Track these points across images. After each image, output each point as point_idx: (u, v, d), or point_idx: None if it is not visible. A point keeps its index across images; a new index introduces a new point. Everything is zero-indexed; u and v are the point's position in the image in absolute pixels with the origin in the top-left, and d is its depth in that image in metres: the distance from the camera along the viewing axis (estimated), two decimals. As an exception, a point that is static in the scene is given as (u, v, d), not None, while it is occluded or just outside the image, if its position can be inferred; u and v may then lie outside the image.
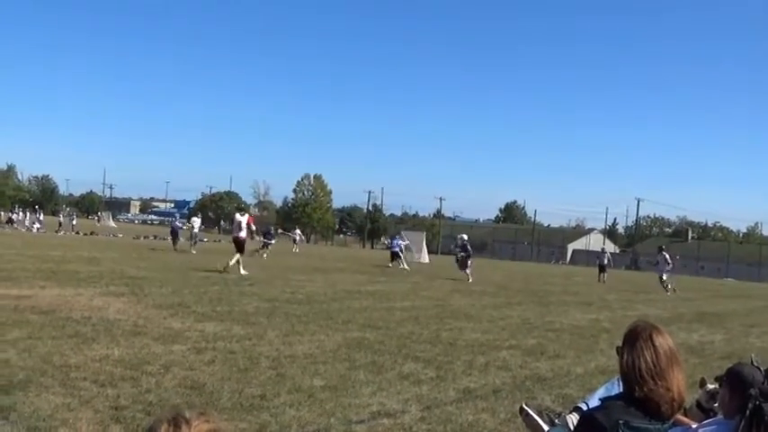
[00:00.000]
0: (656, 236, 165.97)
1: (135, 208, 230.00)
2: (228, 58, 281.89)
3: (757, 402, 3.92)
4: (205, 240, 77.92)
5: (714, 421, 4.80)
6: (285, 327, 15.55)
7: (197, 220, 53.19)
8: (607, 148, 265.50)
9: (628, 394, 4.05)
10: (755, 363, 4.95)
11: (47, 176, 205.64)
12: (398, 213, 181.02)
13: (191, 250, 46.85)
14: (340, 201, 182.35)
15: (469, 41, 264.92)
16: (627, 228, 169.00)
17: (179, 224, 55.64)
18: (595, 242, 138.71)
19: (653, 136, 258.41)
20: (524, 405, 6.58)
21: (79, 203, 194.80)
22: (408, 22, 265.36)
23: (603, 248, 57.83)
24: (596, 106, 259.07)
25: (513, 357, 13.84)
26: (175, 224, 55.25)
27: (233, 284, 24.57)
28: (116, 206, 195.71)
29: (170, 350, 11.92)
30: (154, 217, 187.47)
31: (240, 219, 30.65)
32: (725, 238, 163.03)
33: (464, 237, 42.75)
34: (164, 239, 57.24)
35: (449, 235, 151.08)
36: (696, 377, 6.67)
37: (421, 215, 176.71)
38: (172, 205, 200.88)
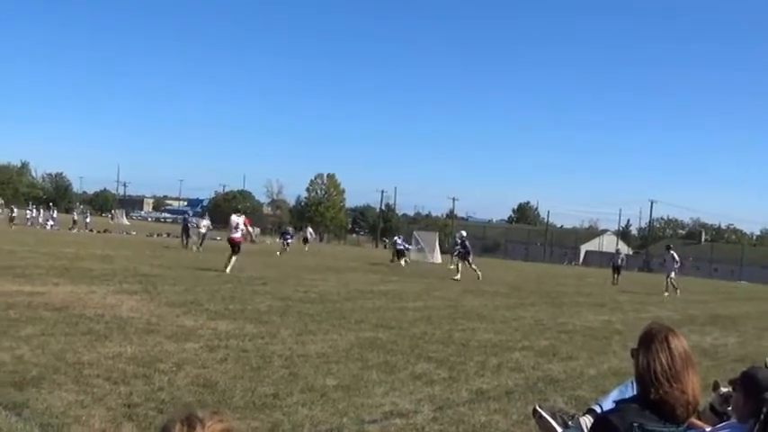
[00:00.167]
0: (670, 237, 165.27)
1: (148, 206, 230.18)
2: (243, 58, 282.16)
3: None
4: (218, 239, 78.01)
5: (728, 425, 4.80)
6: (298, 326, 15.56)
7: (206, 222, 53.34)
8: (620, 150, 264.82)
9: (642, 397, 4.03)
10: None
11: (60, 174, 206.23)
12: (411, 213, 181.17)
13: (193, 248, 47.07)
14: (353, 200, 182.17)
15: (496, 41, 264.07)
16: (640, 229, 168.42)
17: (193, 222, 55.78)
18: (608, 243, 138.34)
19: (666, 138, 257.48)
20: (538, 407, 6.56)
21: (93, 201, 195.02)
22: (411, 22, 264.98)
23: (618, 249, 57.66)
24: (609, 107, 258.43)
25: (526, 358, 13.81)
26: (191, 220, 55.46)
27: (246, 283, 24.60)
28: (129, 204, 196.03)
29: (183, 348, 11.94)
30: (167, 215, 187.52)
31: (237, 220, 30.47)
32: (738, 241, 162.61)
33: (463, 233, 42.77)
34: (177, 237, 57.34)
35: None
36: (709, 380, 6.64)
37: (434, 215, 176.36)
38: (185, 203, 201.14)
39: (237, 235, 30.06)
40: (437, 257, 64.24)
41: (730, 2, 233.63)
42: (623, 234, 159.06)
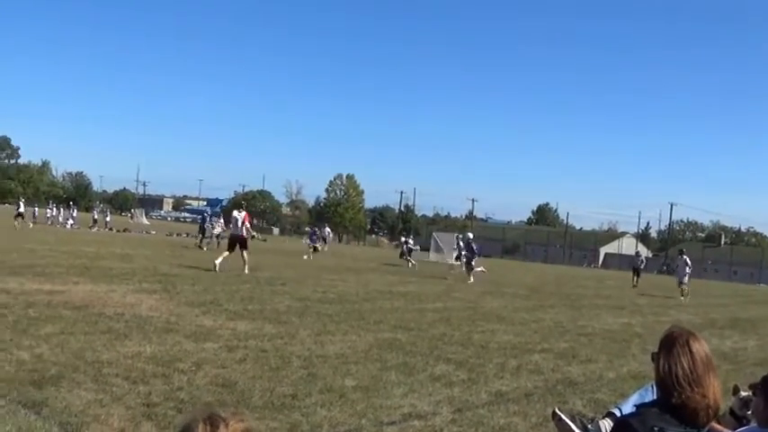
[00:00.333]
0: (689, 240, 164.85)
1: (168, 205, 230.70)
2: (262, 59, 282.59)
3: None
4: (252, 238, 78.12)
5: (748, 429, 4.77)
6: (317, 326, 15.56)
7: (220, 222, 53.48)
8: (640, 152, 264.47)
9: (663, 401, 4.01)
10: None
11: (81, 173, 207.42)
12: (430, 214, 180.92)
13: (204, 248, 47.05)
14: (372, 201, 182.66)
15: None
16: (660, 232, 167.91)
17: (212, 222, 55.85)
18: (628, 246, 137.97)
19: (685, 140, 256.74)
20: (557, 409, 6.55)
21: (112, 200, 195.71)
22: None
23: (638, 252, 57.48)
24: (629, 110, 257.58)
25: (545, 361, 13.78)
26: (211, 220, 55.58)
27: (265, 283, 24.63)
28: (149, 203, 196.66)
29: (202, 348, 11.95)
30: (187, 215, 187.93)
31: (237, 216, 30.19)
32: (758, 244, 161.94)
33: (469, 236, 42.55)
34: (196, 237, 57.49)
35: (481, 237, 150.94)
36: (729, 384, 6.61)
37: (453, 216, 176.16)
38: (204, 203, 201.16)
39: (238, 232, 29.80)
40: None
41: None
42: (643, 236, 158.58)
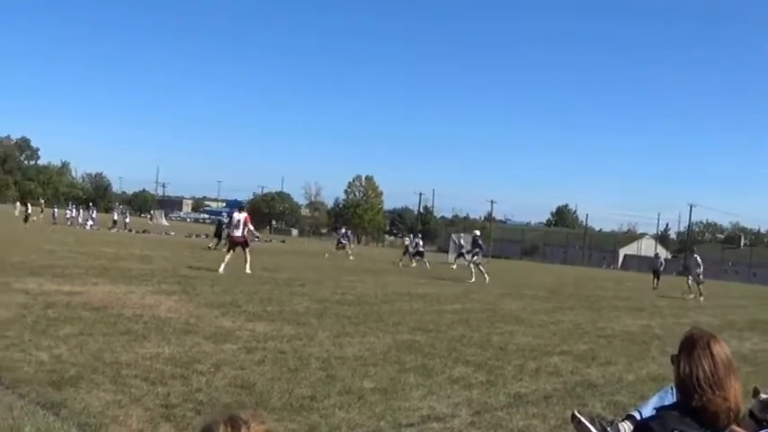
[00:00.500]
0: (709, 242, 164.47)
1: (187, 207, 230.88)
2: (278, 61, 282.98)
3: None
4: (256, 240, 78.22)
5: (768, 432, 4.74)
6: (335, 328, 15.55)
7: None
8: (660, 153, 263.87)
9: (683, 404, 3.97)
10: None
11: (100, 174, 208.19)
12: (449, 216, 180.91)
13: (217, 248, 46.98)
14: (391, 202, 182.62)
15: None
16: (679, 233, 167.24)
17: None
18: (647, 247, 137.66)
19: (705, 141, 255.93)
20: (576, 412, 6.51)
21: (132, 201, 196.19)
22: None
23: (657, 253, 57.25)
24: (651, 111, 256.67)
25: (565, 363, 13.73)
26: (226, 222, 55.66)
27: (284, 284, 24.66)
28: (168, 205, 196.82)
29: (221, 349, 11.96)
30: (206, 216, 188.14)
31: (238, 217, 29.77)
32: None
33: (476, 233, 42.40)
34: (211, 240, 57.54)
35: (500, 238, 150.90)
36: (749, 386, 6.56)
37: (472, 218, 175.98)
38: (224, 204, 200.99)
39: (238, 234, 29.21)
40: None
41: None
42: (662, 238, 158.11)
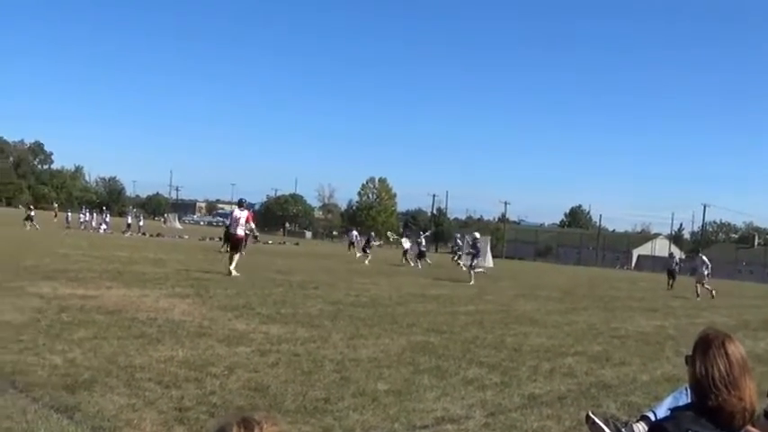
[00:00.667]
0: (723, 242, 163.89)
1: (201, 210, 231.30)
2: (291, 63, 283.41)
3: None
4: (270, 242, 78.45)
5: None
6: (349, 330, 15.55)
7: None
8: (673, 153, 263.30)
9: (699, 404, 3.95)
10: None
11: (114, 178, 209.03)
12: (463, 217, 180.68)
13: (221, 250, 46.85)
14: (404, 204, 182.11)
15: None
16: (693, 233, 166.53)
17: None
18: (661, 248, 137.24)
19: (718, 141, 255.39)
20: (590, 413, 6.49)
21: (145, 205, 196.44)
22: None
23: (672, 253, 57.07)
24: (663, 111, 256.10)
25: (579, 364, 13.70)
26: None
27: (297, 287, 24.66)
28: (182, 208, 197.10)
29: (234, 352, 11.96)
30: (220, 219, 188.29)
31: (239, 215, 28.61)
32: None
33: (476, 235, 42.33)
34: (222, 244, 57.64)
35: (513, 239, 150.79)
36: (763, 386, 6.53)
37: (485, 219, 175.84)
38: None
39: (240, 232, 28.40)
40: (489, 261, 64.06)
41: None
42: (676, 238, 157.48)
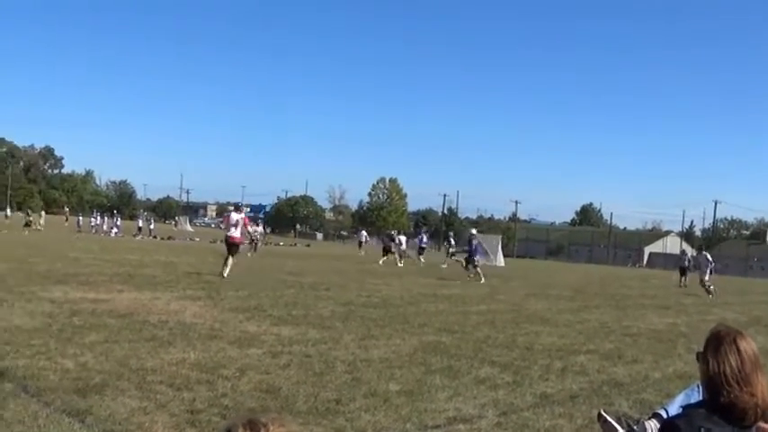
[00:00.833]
0: (734, 238, 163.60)
1: (211, 212, 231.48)
2: (305, 65, 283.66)
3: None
4: (280, 244, 78.50)
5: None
6: (361, 330, 15.54)
7: (259, 229, 53.71)
8: (683, 151, 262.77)
9: (711, 401, 3.93)
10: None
11: (124, 181, 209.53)
12: (474, 217, 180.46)
13: (248, 254, 46.70)
14: (415, 204, 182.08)
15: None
16: (704, 230, 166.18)
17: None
18: (672, 245, 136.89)
19: (729, 138, 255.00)
20: (602, 411, 6.48)
21: (156, 208, 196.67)
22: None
23: (684, 251, 56.79)
24: (673, 111, 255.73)
25: (591, 362, 13.66)
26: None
27: (309, 288, 24.66)
28: (193, 211, 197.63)
29: (246, 354, 11.97)
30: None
31: (236, 217, 28.12)
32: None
33: (473, 232, 42.26)
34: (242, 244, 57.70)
35: (525, 238, 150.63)
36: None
37: (496, 218, 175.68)
38: (248, 209, 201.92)
39: (237, 234, 27.93)
40: (500, 261, 64.00)
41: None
42: (687, 235, 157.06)
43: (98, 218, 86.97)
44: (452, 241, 55.19)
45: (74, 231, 74.44)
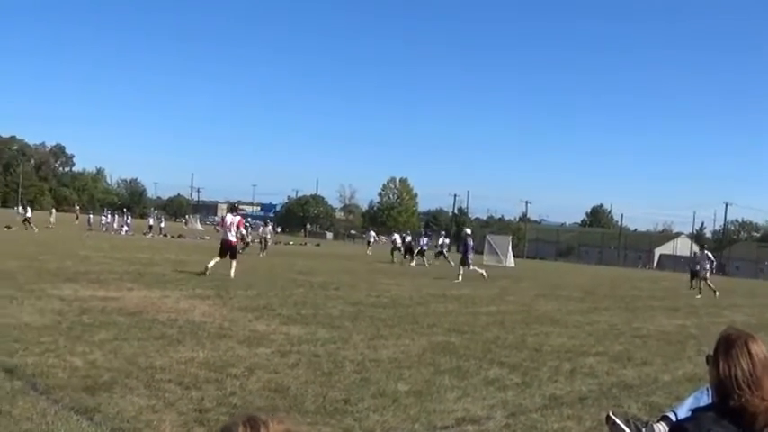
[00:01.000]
0: (745, 240, 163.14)
1: (222, 211, 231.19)
2: (313, 64, 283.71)
3: None
4: (291, 243, 78.55)
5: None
6: (370, 330, 15.53)
7: (269, 228, 53.67)
8: (694, 152, 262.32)
9: (720, 405, 3.90)
10: None
11: (135, 180, 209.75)
12: (484, 217, 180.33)
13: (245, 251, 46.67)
14: (425, 204, 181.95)
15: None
16: (714, 232, 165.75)
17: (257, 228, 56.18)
18: (683, 246, 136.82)
19: (740, 140, 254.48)
20: (611, 413, 6.45)
21: (167, 206, 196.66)
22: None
23: (695, 253, 56.63)
24: (685, 111, 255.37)
25: (600, 364, 13.62)
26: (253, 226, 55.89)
27: (318, 287, 24.67)
28: (203, 209, 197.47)
29: (254, 353, 11.96)
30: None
31: (231, 219, 27.76)
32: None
33: (467, 231, 42.20)
34: (252, 243, 57.66)
35: (535, 239, 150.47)
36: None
37: (506, 219, 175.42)
38: (258, 209, 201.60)
39: (232, 238, 27.55)
40: (510, 261, 63.98)
41: None
42: (698, 237, 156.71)
43: (109, 216, 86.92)
44: (445, 241, 55.25)
45: (84, 229, 74.50)
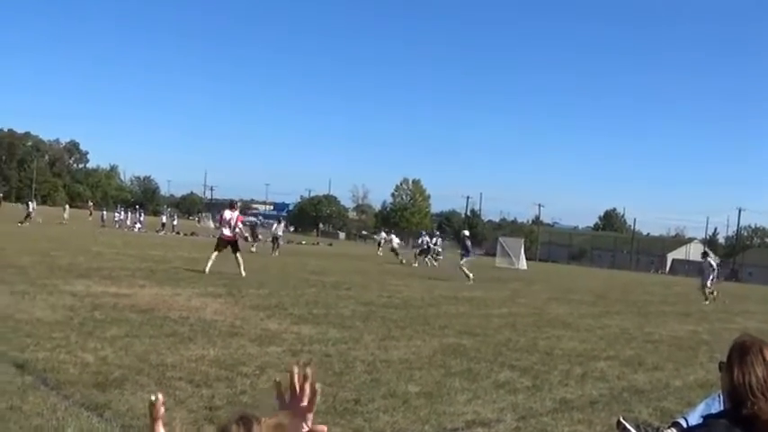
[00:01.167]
0: (758, 246, 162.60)
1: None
2: (328, 64, 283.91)
3: None
4: (303, 243, 78.60)
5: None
6: (381, 331, 15.52)
7: (281, 227, 53.58)
8: (708, 157, 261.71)
9: (733, 412, 3.87)
10: None
11: (149, 177, 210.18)
12: (497, 219, 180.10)
13: (274, 254, 46.71)
14: (438, 205, 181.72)
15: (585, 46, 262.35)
16: (727, 238, 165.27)
17: (268, 226, 56.20)
18: (695, 252, 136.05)
19: (753, 145, 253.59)
20: (621, 418, 6.45)
21: (180, 204, 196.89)
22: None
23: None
24: (698, 115, 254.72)
25: (611, 368, 13.59)
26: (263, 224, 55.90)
27: (330, 287, 24.68)
28: (216, 208, 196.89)
29: (266, 352, 11.97)
30: (253, 219, 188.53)
31: (230, 215, 27.53)
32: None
33: (465, 233, 42.08)
34: (263, 242, 57.64)
35: (547, 242, 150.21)
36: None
37: (519, 221, 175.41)
38: (271, 207, 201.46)
39: (228, 232, 27.36)
40: (522, 263, 63.95)
41: None
42: (710, 242, 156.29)
43: (122, 213, 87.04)
44: (427, 239, 55.30)
45: (97, 226, 74.64)
